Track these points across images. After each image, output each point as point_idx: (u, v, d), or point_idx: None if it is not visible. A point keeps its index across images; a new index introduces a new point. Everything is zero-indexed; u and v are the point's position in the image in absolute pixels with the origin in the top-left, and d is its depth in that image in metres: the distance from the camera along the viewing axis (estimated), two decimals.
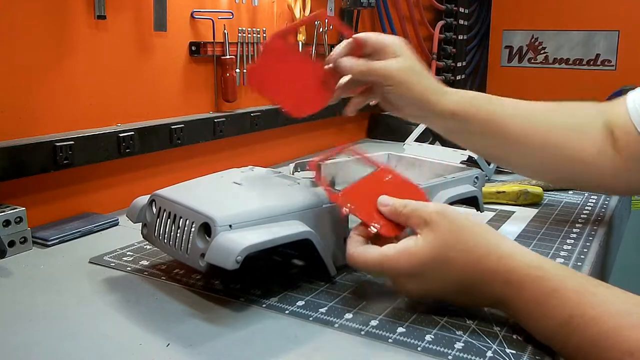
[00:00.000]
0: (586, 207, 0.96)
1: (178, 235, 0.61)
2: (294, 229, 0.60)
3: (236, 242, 0.54)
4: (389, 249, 0.55)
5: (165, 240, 0.63)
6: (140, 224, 0.68)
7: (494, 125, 0.78)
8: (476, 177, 0.80)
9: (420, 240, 0.54)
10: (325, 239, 0.63)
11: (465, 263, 0.53)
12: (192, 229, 0.59)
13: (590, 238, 0.81)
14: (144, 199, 0.68)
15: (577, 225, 0.86)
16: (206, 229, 0.57)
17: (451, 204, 0.73)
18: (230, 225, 0.57)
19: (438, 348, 0.50)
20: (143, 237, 0.68)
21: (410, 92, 0.75)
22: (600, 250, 0.80)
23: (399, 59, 0.74)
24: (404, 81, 0.74)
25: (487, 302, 0.55)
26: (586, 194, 1.04)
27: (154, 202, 0.66)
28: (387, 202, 0.59)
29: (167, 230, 0.63)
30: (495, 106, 0.79)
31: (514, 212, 0.94)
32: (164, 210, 0.64)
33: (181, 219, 0.61)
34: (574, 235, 0.82)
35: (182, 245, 0.60)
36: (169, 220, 0.63)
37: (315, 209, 0.63)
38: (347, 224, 0.65)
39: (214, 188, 0.68)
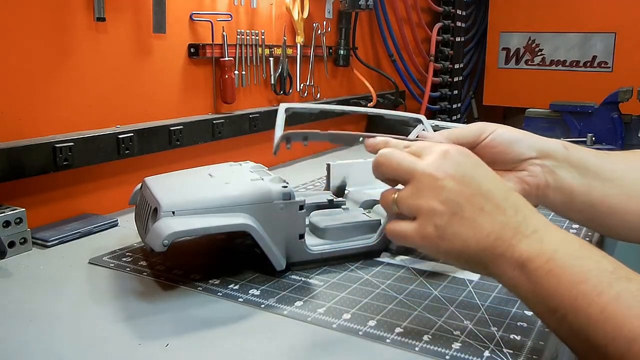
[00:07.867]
0: None
1: (143, 217, 0.67)
2: (231, 220, 0.61)
3: (166, 228, 0.58)
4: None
5: (138, 222, 0.71)
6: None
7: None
8: None
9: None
10: (274, 233, 0.64)
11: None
12: (149, 213, 0.64)
13: (590, 233, 0.82)
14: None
15: None
16: (156, 213, 0.62)
17: None
18: (173, 212, 0.61)
19: (436, 348, 0.51)
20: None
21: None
22: (600, 243, 0.81)
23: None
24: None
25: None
26: None
27: (142, 187, 0.72)
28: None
29: (139, 212, 0.69)
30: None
31: None
32: (142, 194, 0.70)
33: (147, 203, 0.66)
34: (576, 226, 0.82)
35: (143, 226, 0.66)
36: (142, 204, 0.69)
37: (265, 203, 0.64)
38: (304, 221, 0.67)
39: (188, 178, 0.72)
